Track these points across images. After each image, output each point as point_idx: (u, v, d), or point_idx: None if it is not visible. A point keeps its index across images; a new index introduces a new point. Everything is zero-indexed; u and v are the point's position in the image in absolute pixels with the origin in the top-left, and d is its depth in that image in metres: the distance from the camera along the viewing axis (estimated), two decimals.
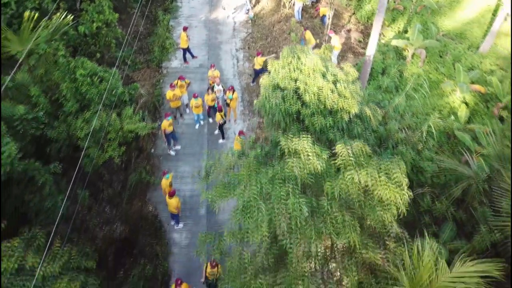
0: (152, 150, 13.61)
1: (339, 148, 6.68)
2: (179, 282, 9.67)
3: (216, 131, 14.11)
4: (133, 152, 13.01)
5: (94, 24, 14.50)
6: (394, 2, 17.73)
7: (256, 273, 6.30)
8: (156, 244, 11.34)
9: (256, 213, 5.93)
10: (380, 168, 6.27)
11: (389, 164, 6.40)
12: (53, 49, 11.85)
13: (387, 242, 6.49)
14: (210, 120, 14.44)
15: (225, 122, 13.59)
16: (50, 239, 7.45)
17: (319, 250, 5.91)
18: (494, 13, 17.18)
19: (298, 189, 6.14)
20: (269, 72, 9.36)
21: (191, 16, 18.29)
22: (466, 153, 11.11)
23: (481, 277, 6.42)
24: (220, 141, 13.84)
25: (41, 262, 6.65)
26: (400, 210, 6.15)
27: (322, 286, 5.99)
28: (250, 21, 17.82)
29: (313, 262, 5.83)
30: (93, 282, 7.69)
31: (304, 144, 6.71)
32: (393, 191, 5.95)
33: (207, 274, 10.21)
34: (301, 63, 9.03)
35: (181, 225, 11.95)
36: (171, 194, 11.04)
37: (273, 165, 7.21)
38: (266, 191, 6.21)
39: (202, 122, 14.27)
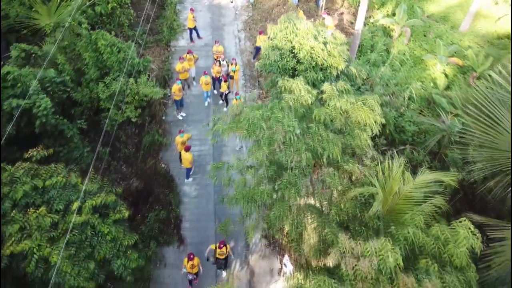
0: (163, 117, 15.21)
1: (325, 86, 8.30)
2: (191, 256, 10.38)
3: (221, 101, 15.71)
4: (146, 117, 14.60)
5: (109, 5, 16.14)
6: None
7: (258, 183, 7.89)
8: (169, 193, 12.92)
9: (258, 130, 7.54)
10: (357, 98, 7.89)
11: (365, 96, 8.03)
12: (77, 22, 13.42)
13: (364, 161, 8.11)
14: (215, 91, 16.04)
15: (229, 92, 15.20)
16: (90, 169, 9.06)
17: (307, 161, 7.49)
18: None
19: (292, 114, 7.75)
20: (269, 37, 10.99)
21: (196, 1, 19.95)
22: (442, 113, 12.77)
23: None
24: (225, 109, 15.41)
25: (86, 180, 8.20)
26: (373, 131, 7.77)
27: (310, 187, 7.59)
28: (250, 6, 19.46)
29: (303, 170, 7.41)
30: (122, 203, 9.27)
31: (297, 83, 8.33)
32: (367, 113, 7.57)
33: (217, 255, 10.81)
34: (296, 28, 10.65)
35: (190, 179, 13.54)
36: (187, 149, 12.65)
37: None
38: (267, 116, 7.82)
39: (210, 100, 15.76)
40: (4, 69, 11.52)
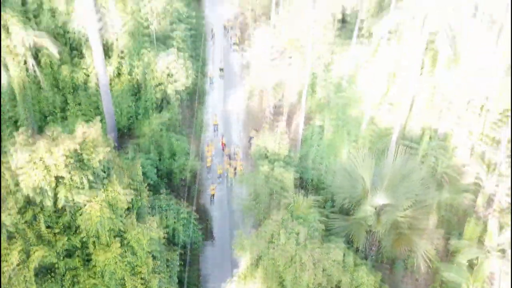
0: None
1: (276, 165, 23.64)
2: None
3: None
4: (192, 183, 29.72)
5: (173, 115, 31.90)
6: (323, 99, 35.60)
7: (249, 201, 22.91)
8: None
9: (250, 182, 22.71)
10: (283, 170, 23.19)
11: (286, 169, 23.34)
12: (159, 130, 29.02)
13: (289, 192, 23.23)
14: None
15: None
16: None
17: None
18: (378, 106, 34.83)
19: (262, 176, 23.00)
20: (253, 142, 26.67)
21: (213, 108, 36.08)
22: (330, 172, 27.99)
23: None
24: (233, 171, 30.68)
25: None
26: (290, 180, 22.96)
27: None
28: (245, 111, 35.54)
29: None
30: None
31: (265, 165, 23.65)
32: (287, 174, 22.76)
33: None
34: (267, 141, 26.35)
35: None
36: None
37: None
38: (253, 176, 23.01)
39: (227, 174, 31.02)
40: (129, 155, 26.77)
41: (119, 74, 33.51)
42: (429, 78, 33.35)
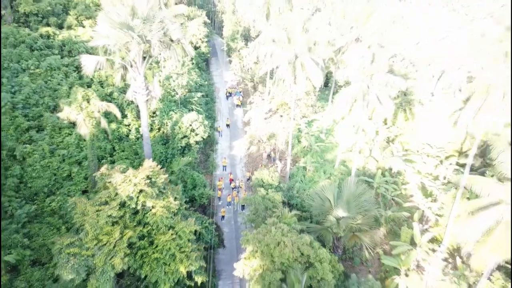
0: (214, 204, 41.95)
1: (269, 191, 35.49)
2: None
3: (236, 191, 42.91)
4: (208, 202, 41.28)
5: (190, 159, 44.19)
6: (306, 147, 48.09)
7: (252, 215, 34.51)
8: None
9: (252, 201, 34.45)
10: (274, 194, 35.00)
11: (278, 193, 35.15)
12: (185, 168, 41.03)
13: (278, 205, 34.89)
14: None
15: (239, 192, 42.47)
16: None
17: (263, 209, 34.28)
18: (348, 152, 47.27)
19: (260, 197, 34.79)
20: (253, 175, 38.72)
21: (222, 153, 48.47)
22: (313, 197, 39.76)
23: None
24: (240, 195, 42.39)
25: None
26: (279, 202, 34.68)
27: (265, 212, 34.16)
28: (246, 155, 47.89)
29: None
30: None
31: (261, 189, 35.48)
32: (278, 196, 34.57)
33: None
34: (263, 174, 38.48)
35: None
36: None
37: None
38: (253, 197, 34.78)
39: (232, 206, 42.68)
40: None
41: (151, 129, 46.23)
42: (386, 130, 46.28)
